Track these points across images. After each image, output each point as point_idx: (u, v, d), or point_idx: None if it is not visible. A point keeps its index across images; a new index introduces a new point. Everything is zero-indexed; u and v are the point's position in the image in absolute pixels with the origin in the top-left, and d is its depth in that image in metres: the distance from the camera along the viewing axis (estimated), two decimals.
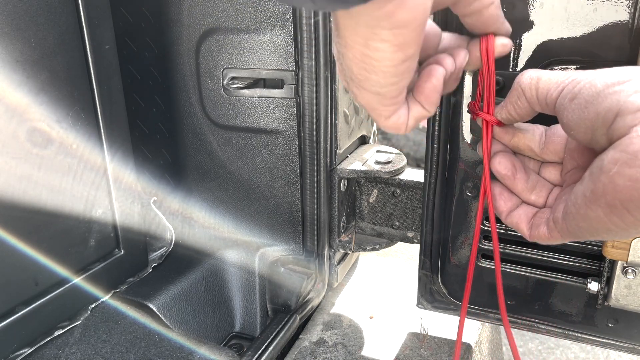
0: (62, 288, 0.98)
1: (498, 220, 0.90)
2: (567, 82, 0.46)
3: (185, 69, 1.15)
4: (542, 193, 0.55)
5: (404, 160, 1.15)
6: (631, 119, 0.38)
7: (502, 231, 0.91)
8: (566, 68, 0.73)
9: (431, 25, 0.52)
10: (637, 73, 0.40)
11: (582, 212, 0.43)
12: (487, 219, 0.91)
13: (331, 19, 0.43)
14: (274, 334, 1.05)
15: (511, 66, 0.78)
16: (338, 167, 1.12)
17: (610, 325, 0.89)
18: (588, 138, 0.43)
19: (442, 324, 1.15)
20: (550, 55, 0.74)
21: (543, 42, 0.75)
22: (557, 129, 0.56)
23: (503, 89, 0.75)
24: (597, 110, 0.41)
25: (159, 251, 1.25)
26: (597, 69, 0.44)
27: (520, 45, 0.76)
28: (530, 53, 0.76)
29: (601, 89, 0.41)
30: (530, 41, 0.75)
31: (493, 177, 0.58)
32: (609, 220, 0.40)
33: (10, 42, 0.83)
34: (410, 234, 1.16)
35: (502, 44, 0.52)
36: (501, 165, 0.54)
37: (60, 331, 0.99)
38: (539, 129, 0.57)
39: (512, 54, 0.77)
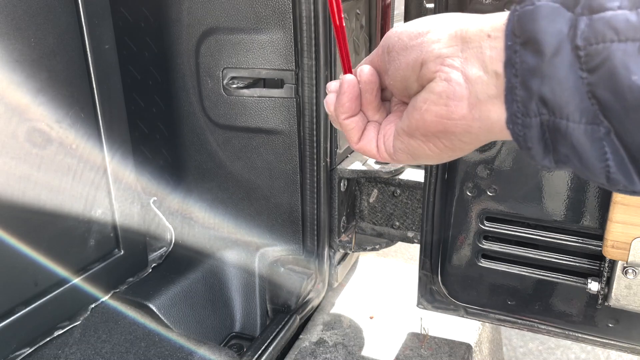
0: (62, 288, 0.98)
1: (498, 220, 0.90)
2: (384, 38, 0.52)
3: (185, 68, 1.15)
4: (383, 115, 0.58)
5: None
6: (433, 65, 0.44)
7: (502, 231, 0.91)
8: None
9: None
10: (434, 24, 0.46)
11: (405, 142, 0.50)
12: (487, 219, 0.91)
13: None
14: (274, 334, 1.05)
15: None
16: (338, 167, 1.12)
17: (610, 325, 0.89)
18: (404, 85, 0.49)
19: (442, 324, 1.15)
20: None
21: None
22: None
23: None
24: (407, 61, 0.47)
25: (159, 251, 1.25)
26: (407, 22, 0.50)
27: None
28: None
29: (407, 42, 0.47)
30: None
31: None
32: (426, 147, 0.48)
33: (10, 42, 0.83)
34: (410, 234, 1.16)
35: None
36: (374, 75, 0.55)
37: (60, 331, 0.99)
38: None
39: None
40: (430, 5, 0.98)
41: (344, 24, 0.59)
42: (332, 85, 0.58)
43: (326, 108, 0.58)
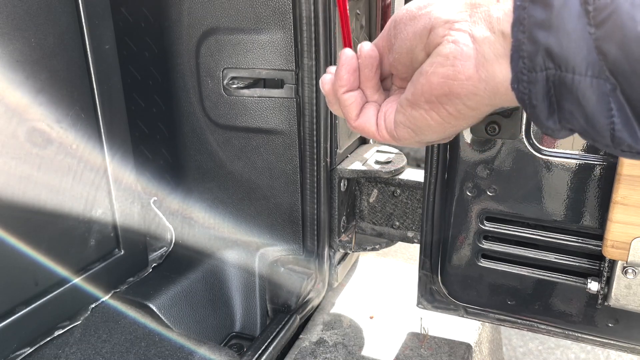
0: (62, 288, 0.98)
1: (498, 220, 0.91)
2: (392, 17, 0.53)
3: (185, 69, 1.15)
4: (382, 96, 0.59)
5: (404, 160, 1.15)
6: (442, 30, 0.45)
7: (502, 231, 0.91)
8: None
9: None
10: None
11: (407, 114, 0.50)
12: (487, 219, 0.91)
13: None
14: (274, 334, 1.05)
15: None
16: (338, 167, 1.12)
17: (610, 325, 0.89)
18: (409, 58, 0.50)
19: (442, 324, 1.15)
20: None
21: None
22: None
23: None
24: (415, 30, 0.48)
25: (159, 251, 1.25)
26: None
27: None
28: None
29: (415, 12, 0.49)
30: None
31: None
32: (429, 117, 0.48)
33: (10, 42, 0.83)
34: (410, 234, 1.16)
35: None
36: (374, 50, 0.55)
37: (61, 331, 0.99)
38: None
39: None
40: None
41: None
42: (332, 67, 0.59)
43: (321, 87, 0.59)
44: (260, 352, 1.00)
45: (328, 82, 0.58)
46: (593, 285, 0.84)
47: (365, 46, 0.54)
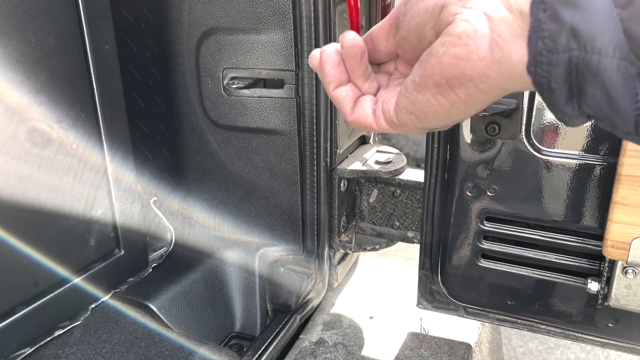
0: (62, 288, 0.98)
1: (498, 220, 0.91)
2: None
3: (185, 69, 1.15)
4: (374, 84, 0.57)
5: (404, 160, 1.15)
6: (454, 8, 0.43)
7: (502, 231, 0.91)
8: None
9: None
10: None
11: (412, 98, 0.47)
12: (487, 219, 0.91)
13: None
14: (274, 334, 1.05)
15: None
16: (338, 167, 1.12)
17: (610, 325, 0.89)
18: (418, 36, 0.48)
19: (442, 324, 1.15)
20: None
21: None
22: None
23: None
24: (426, 6, 0.46)
25: (159, 251, 1.25)
26: None
27: None
28: None
29: None
30: None
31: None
32: (436, 102, 0.46)
33: (10, 42, 0.83)
34: (410, 234, 1.16)
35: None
36: (356, 39, 0.53)
37: (61, 331, 0.99)
38: None
39: None
40: None
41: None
42: (315, 51, 0.57)
43: (310, 64, 0.57)
44: (260, 352, 1.00)
45: (316, 58, 0.56)
46: (593, 286, 0.84)
47: (347, 36, 0.52)
